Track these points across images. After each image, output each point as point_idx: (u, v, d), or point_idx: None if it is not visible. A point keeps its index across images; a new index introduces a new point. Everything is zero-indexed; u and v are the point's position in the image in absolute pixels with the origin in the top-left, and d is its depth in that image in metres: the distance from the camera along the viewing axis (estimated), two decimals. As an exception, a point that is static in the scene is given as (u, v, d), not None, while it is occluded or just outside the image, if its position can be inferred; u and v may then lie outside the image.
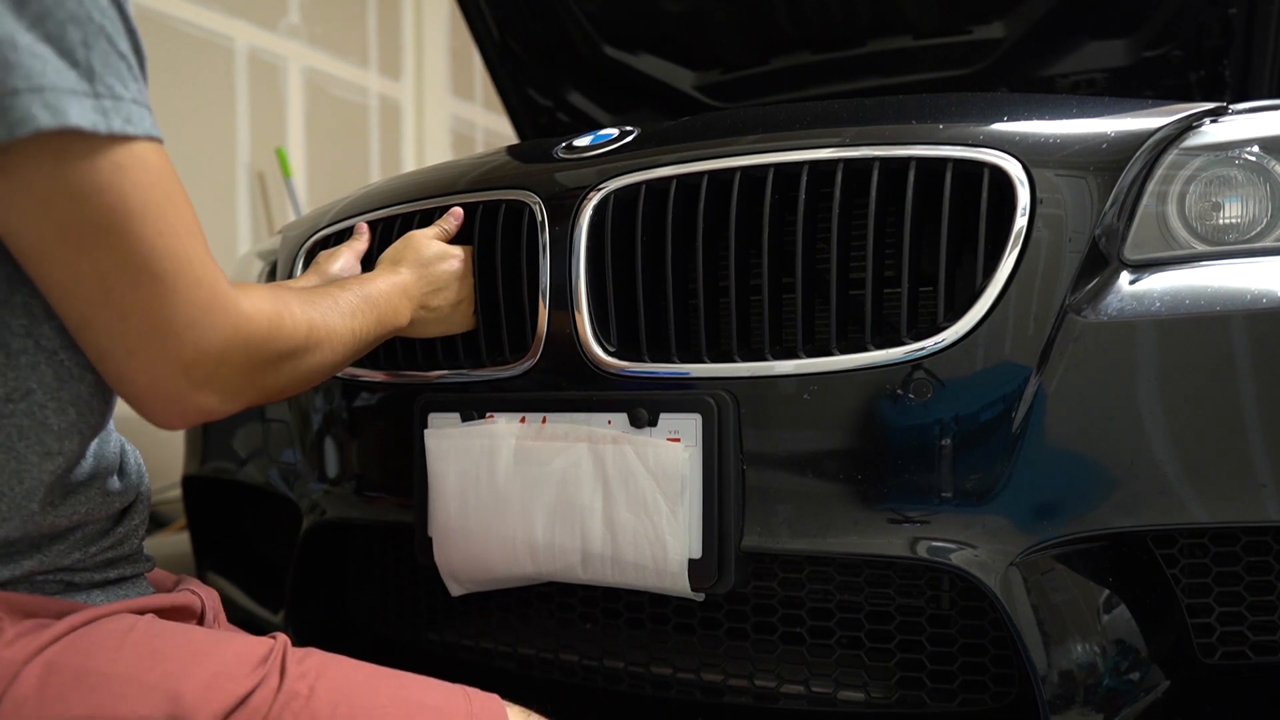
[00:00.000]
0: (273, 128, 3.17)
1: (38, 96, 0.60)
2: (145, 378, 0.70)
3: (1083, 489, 0.87)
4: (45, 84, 0.61)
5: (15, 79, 0.60)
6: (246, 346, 0.75)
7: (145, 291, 0.67)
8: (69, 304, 0.67)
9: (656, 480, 0.97)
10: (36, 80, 0.61)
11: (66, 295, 0.67)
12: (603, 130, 1.18)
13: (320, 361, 0.86)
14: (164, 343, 0.69)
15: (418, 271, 1.06)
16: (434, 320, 1.10)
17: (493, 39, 2.04)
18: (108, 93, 0.64)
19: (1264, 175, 0.91)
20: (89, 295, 0.67)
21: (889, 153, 0.96)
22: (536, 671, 1.21)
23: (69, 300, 0.67)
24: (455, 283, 1.11)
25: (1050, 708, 0.89)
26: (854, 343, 0.95)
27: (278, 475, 1.38)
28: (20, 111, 0.60)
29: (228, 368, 0.73)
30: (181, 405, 0.73)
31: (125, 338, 0.68)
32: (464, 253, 1.13)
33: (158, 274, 0.67)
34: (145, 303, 0.67)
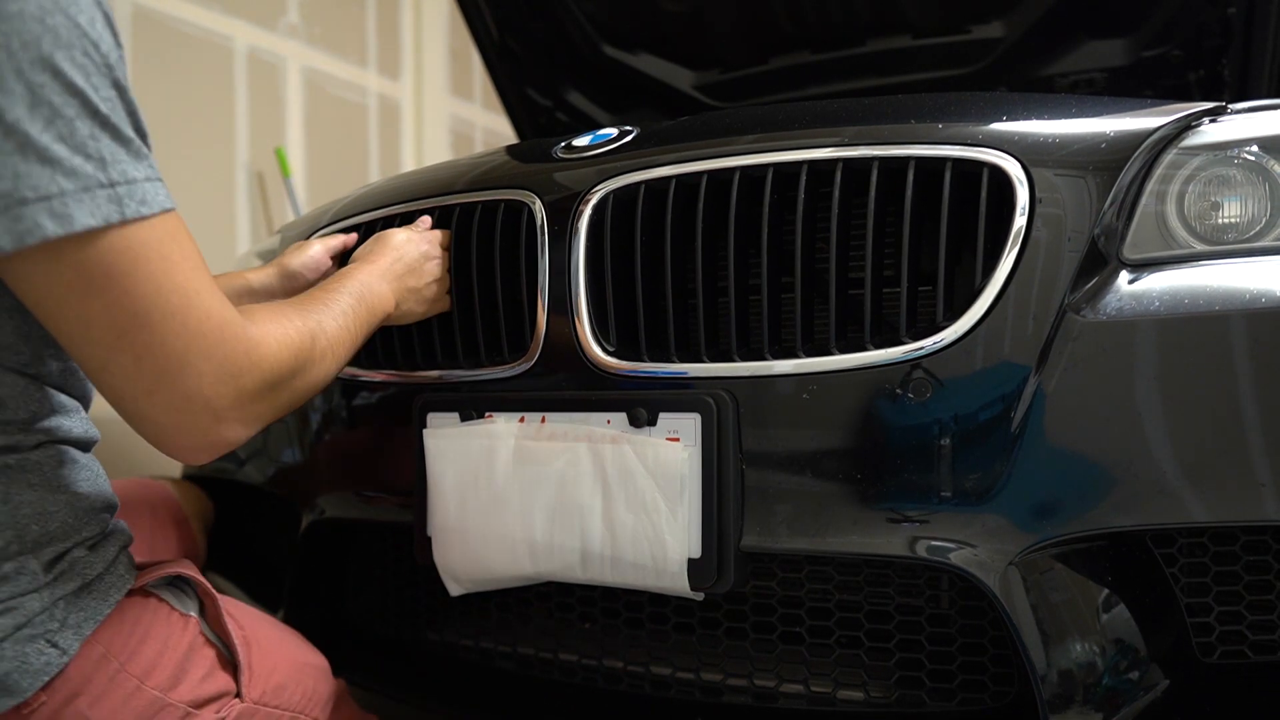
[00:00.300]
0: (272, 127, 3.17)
1: (45, 205, 0.63)
2: (167, 416, 0.72)
3: (1082, 488, 0.87)
4: (53, 191, 0.64)
5: (24, 188, 0.63)
6: (259, 370, 0.76)
7: (158, 330, 0.69)
8: (85, 350, 0.70)
9: (656, 480, 0.97)
10: (44, 189, 0.63)
11: (82, 341, 0.69)
12: (602, 130, 1.18)
13: (326, 371, 0.88)
14: (182, 378, 0.71)
15: (391, 255, 1.08)
16: (416, 301, 1.11)
17: (492, 39, 2.04)
18: (123, 179, 0.67)
19: (1263, 175, 0.91)
20: (103, 339, 0.69)
21: (888, 152, 0.96)
22: (536, 671, 1.21)
23: (85, 346, 0.69)
24: (428, 262, 1.12)
25: (1049, 707, 0.89)
26: (853, 342, 0.95)
27: (277, 475, 1.38)
28: (28, 221, 0.63)
29: (245, 395, 0.75)
30: (206, 438, 0.74)
31: (142, 378, 0.70)
32: (434, 235, 1.16)
33: (167, 311, 0.69)
34: (159, 341, 0.69)
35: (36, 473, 0.76)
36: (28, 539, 0.74)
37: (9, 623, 0.72)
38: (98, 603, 0.77)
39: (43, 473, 0.76)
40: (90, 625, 0.76)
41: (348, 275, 1.01)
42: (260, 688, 0.90)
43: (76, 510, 0.78)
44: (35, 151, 0.63)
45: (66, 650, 0.74)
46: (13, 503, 0.73)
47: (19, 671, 0.71)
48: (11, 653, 0.71)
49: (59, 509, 0.76)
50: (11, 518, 0.73)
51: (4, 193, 0.63)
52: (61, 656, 0.74)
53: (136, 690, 0.78)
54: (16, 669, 0.71)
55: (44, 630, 0.73)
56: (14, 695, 0.71)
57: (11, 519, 0.73)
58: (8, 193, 0.63)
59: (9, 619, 0.72)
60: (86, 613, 0.76)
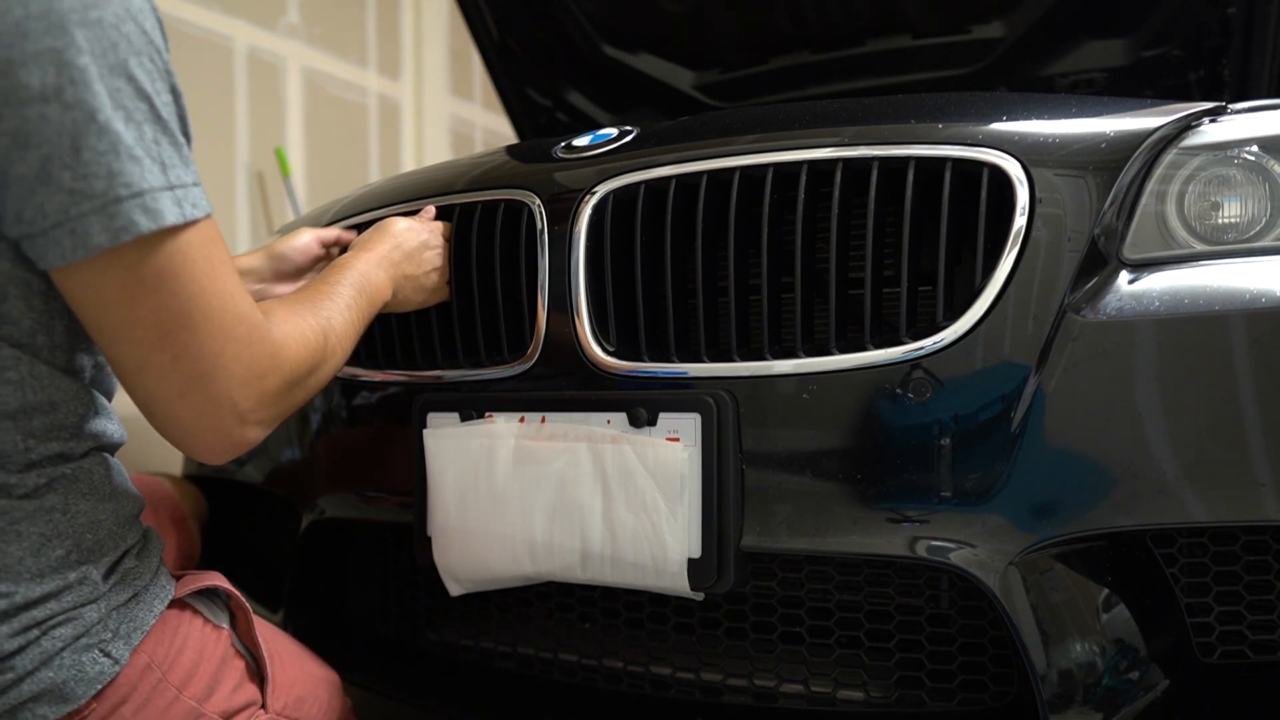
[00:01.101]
0: (272, 127, 3.17)
1: (138, 202, 0.66)
2: (195, 419, 0.73)
3: (1082, 488, 0.87)
4: (145, 188, 0.67)
5: (118, 186, 0.65)
6: (281, 372, 0.78)
7: (198, 331, 0.71)
8: (125, 349, 0.71)
9: (655, 480, 0.97)
10: (137, 185, 0.66)
11: (123, 341, 0.70)
12: (602, 130, 1.18)
13: (335, 366, 0.89)
14: (214, 381, 0.73)
15: (390, 242, 1.08)
16: (413, 289, 1.11)
17: (492, 39, 2.04)
18: (179, 182, 0.69)
19: (1263, 175, 0.91)
20: (145, 339, 0.70)
21: (888, 152, 0.96)
22: (536, 671, 1.21)
23: (125, 345, 0.71)
24: (427, 250, 1.13)
25: (1049, 707, 0.89)
26: (853, 342, 0.95)
27: (277, 475, 1.38)
28: (124, 219, 0.66)
29: (268, 396, 0.77)
30: (230, 439, 0.76)
31: (176, 380, 0.72)
32: (436, 225, 1.16)
33: (207, 313, 0.71)
34: (198, 342, 0.71)
35: (87, 480, 0.77)
36: (84, 547, 0.75)
37: (69, 632, 0.73)
38: (144, 613, 0.79)
39: (92, 480, 0.77)
40: (139, 635, 0.77)
41: (347, 265, 1.01)
42: (283, 699, 0.92)
43: (120, 517, 0.79)
44: (125, 151, 0.65)
45: (119, 660, 0.76)
46: (70, 512, 0.74)
47: (75, 680, 0.73)
48: (70, 661, 0.73)
49: (106, 517, 0.78)
50: (70, 527, 0.74)
51: (100, 192, 0.65)
52: (114, 666, 0.75)
53: (175, 700, 0.80)
54: (73, 677, 0.73)
55: (99, 640, 0.75)
56: (69, 702, 0.73)
57: (70, 528, 0.74)
58: (103, 191, 0.65)
59: (69, 628, 0.73)
60: (135, 623, 0.78)
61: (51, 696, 0.72)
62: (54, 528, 0.73)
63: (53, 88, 0.63)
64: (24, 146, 0.64)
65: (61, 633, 0.73)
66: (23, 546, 0.72)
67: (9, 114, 0.63)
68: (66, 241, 0.65)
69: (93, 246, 0.65)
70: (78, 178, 0.64)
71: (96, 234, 0.65)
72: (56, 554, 0.73)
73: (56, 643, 0.72)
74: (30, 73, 0.63)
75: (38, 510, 0.73)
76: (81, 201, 0.65)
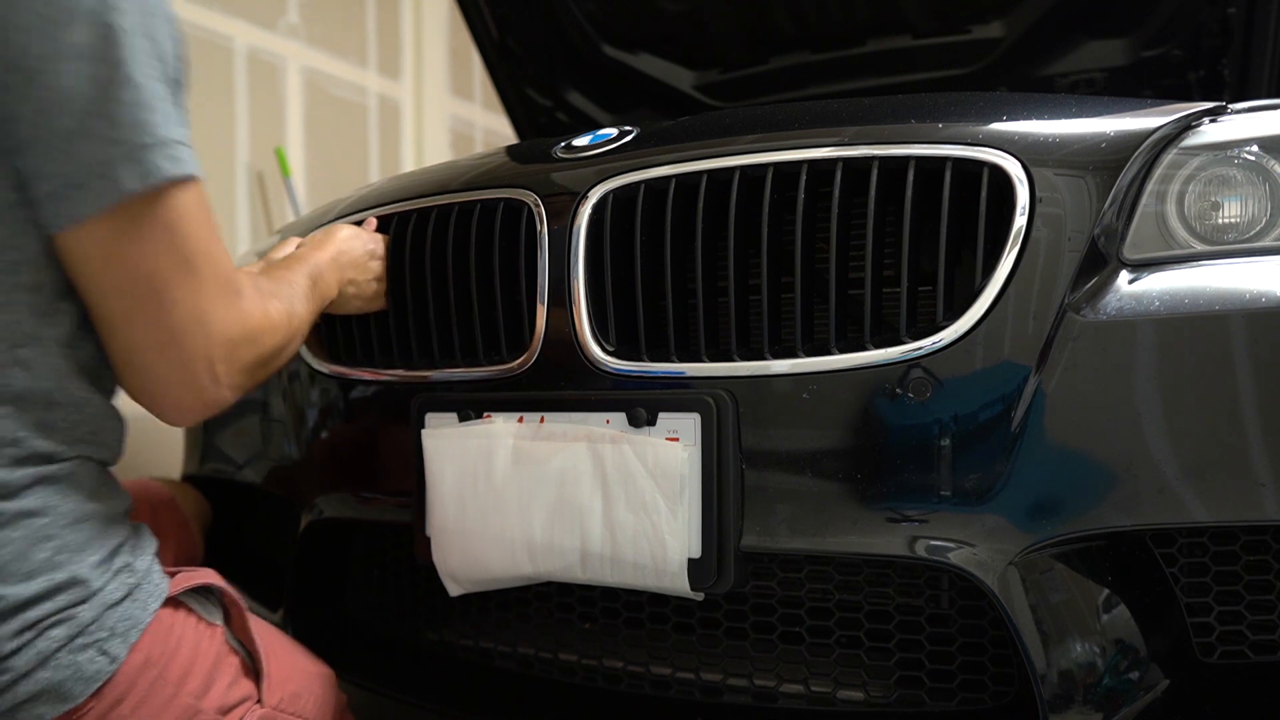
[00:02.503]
0: (272, 127, 3.17)
1: (164, 150, 0.72)
2: (171, 373, 0.77)
3: (1081, 488, 0.87)
4: (168, 138, 0.72)
5: (145, 135, 0.71)
6: (254, 345, 0.82)
7: (190, 286, 0.75)
8: (118, 301, 0.74)
9: (655, 480, 0.96)
10: (161, 134, 0.72)
11: (118, 293, 0.74)
12: (602, 130, 1.17)
13: (294, 348, 0.95)
14: (195, 336, 0.76)
15: (338, 247, 1.13)
16: (355, 294, 1.15)
17: (492, 39, 2.04)
18: (187, 141, 0.76)
19: (1263, 175, 0.91)
20: (141, 290, 0.74)
21: (888, 152, 0.96)
22: (535, 671, 1.21)
23: (119, 297, 0.74)
24: (371, 260, 1.18)
25: (1049, 707, 0.89)
26: (853, 342, 0.95)
27: (276, 475, 1.38)
28: (151, 164, 0.71)
29: (239, 364, 0.81)
30: (202, 398, 0.79)
31: (161, 331, 0.75)
32: (378, 236, 1.21)
33: (198, 269, 0.76)
34: (187, 296, 0.75)
35: (70, 481, 0.77)
36: (70, 548, 0.75)
37: (64, 632, 0.74)
38: (140, 611, 0.79)
39: (76, 481, 0.78)
40: (135, 633, 0.78)
41: (301, 259, 1.05)
42: (278, 694, 0.92)
43: (106, 516, 0.80)
44: (149, 103, 0.71)
45: (116, 658, 0.76)
46: (54, 513, 0.75)
47: (73, 679, 0.74)
48: (67, 661, 0.73)
49: (91, 516, 0.78)
50: (54, 527, 0.75)
51: (129, 140, 0.70)
52: (111, 664, 0.76)
53: (173, 697, 0.81)
54: (71, 676, 0.74)
55: (95, 639, 0.75)
56: (68, 701, 0.74)
57: (55, 528, 0.75)
58: (131, 139, 0.70)
59: (64, 629, 0.74)
60: (131, 621, 0.78)
61: (50, 696, 0.73)
62: (37, 530, 0.74)
63: (92, 46, 0.68)
64: (65, 100, 0.68)
65: (57, 633, 0.73)
66: (9, 550, 0.72)
67: (51, 69, 0.68)
68: (100, 188, 0.69)
69: (125, 192, 0.70)
70: (111, 127, 0.69)
71: (127, 179, 0.70)
72: (42, 555, 0.73)
73: (52, 643, 0.73)
74: (73, 31, 0.68)
75: (20, 513, 0.73)
76: (112, 148, 0.69)
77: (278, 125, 3.21)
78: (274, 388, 1.36)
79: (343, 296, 1.13)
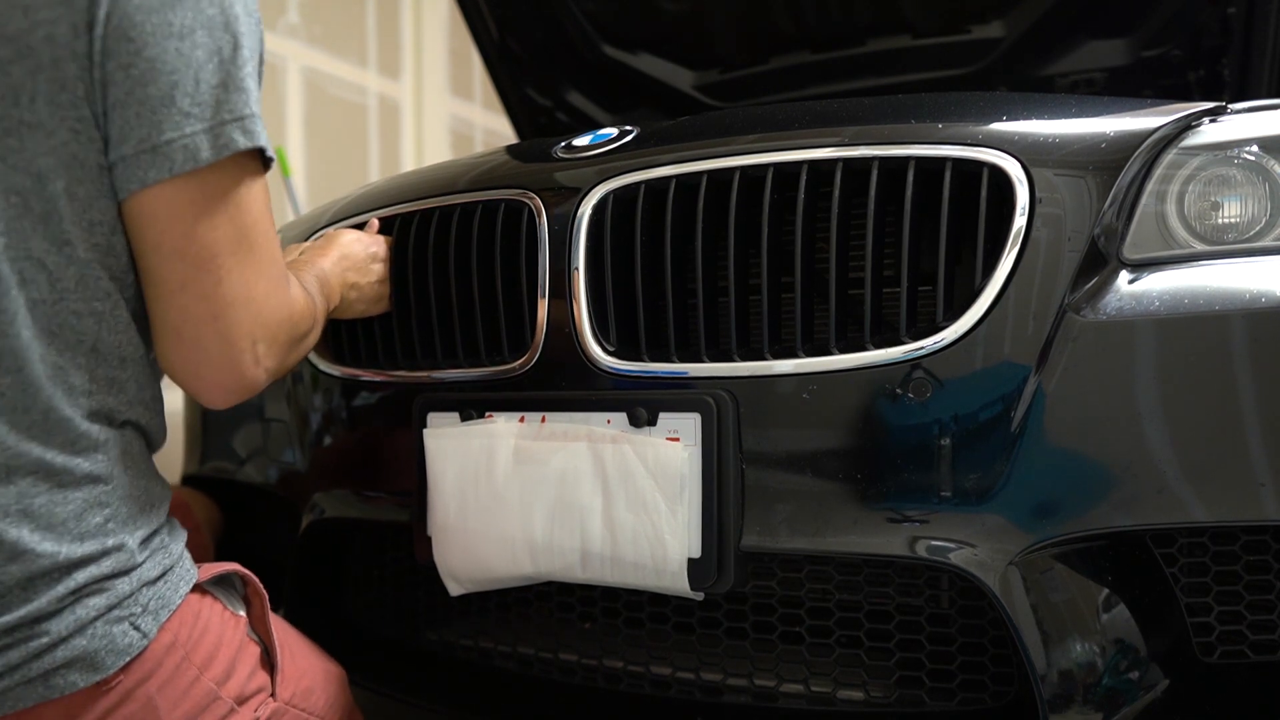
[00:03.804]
0: (272, 127, 3.17)
1: (239, 124, 0.77)
2: (216, 346, 0.79)
3: (1082, 488, 0.87)
4: (248, 112, 0.78)
5: (224, 111, 0.76)
6: (290, 325, 0.86)
7: (246, 258, 0.79)
8: (176, 265, 0.77)
9: (656, 480, 0.97)
10: (239, 111, 0.77)
11: (177, 255, 0.77)
12: (602, 130, 1.18)
13: (315, 340, 0.96)
14: (246, 310, 0.79)
15: (340, 251, 1.13)
16: (358, 298, 1.15)
17: (492, 39, 2.04)
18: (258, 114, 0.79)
19: (1263, 175, 0.91)
20: (199, 258, 0.77)
21: (888, 152, 0.96)
22: (536, 671, 1.21)
23: (177, 260, 0.77)
24: (374, 262, 1.18)
25: (1049, 707, 0.89)
26: (853, 342, 0.95)
27: (277, 475, 1.38)
28: (227, 137, 0.76)
29: (277, 344, 0.84)
30: (243, 378, 0.82)
31: (213, 302, 0.78)
32: (381, 238, 1.21)
33: (256, 243, 0.80)
34: (242, 269, 0.79)
35: (128, 454, 0.81)
36: (120, 518, 0.79)
37: (102, 602, 0.76)
38: (171, 592, 0.82)
39: (132, 455, 0.82)
40: (165, 613, 0.81)
41: (307, 264, 1.06)
42: (291, 689, 0.94)
43: (153, 496, 0.83)
44: (235, 83, 0.77)
45: (147, 634, 0.79)
46: (112, 483, 0.78)
47: (106, 650, 0.76)
48: (102, 631, 0.76)
49: (141, 493, 0.82)
50: (110, 497, 0.78)
51: (209, 113, 0.75)
52: (142, 640, 0.78)
53: (196, 680, 0.83)
54: (104, 647, 0.76)
55: (129, 613, 0.78)
56: (99, 671, 0.76)
57: (110, 498, 0.78)
58: (212, 113, 0.76)
59: (102, 598, 0.76)
60: (163, 600, 0.81)
61: (83, 664, 0.75)
62: (96, 495, 0.77)
63: (188, 27, 0.75)
64: (160, 71, 0.74)
65: (95, 602, 0.76)
66: (68, 509, 0.75)
67: (157, 44, 0.73)
68: (175, 155, 0.74)
69: (200, 160, 0.75)
70: (195, 99, 0.75)
71: (203, 149, 0.75)
72: (95, 520, 0.77)
73: (90, 611, 0.76)
74: (181, 11, 0.75)
75: (85, 477, 0.77)
76: (193, 118, 0.75)
77: (278, 125, 3.21)
78: (275, 388, 1.36)
79: (345, 302, 1.13)
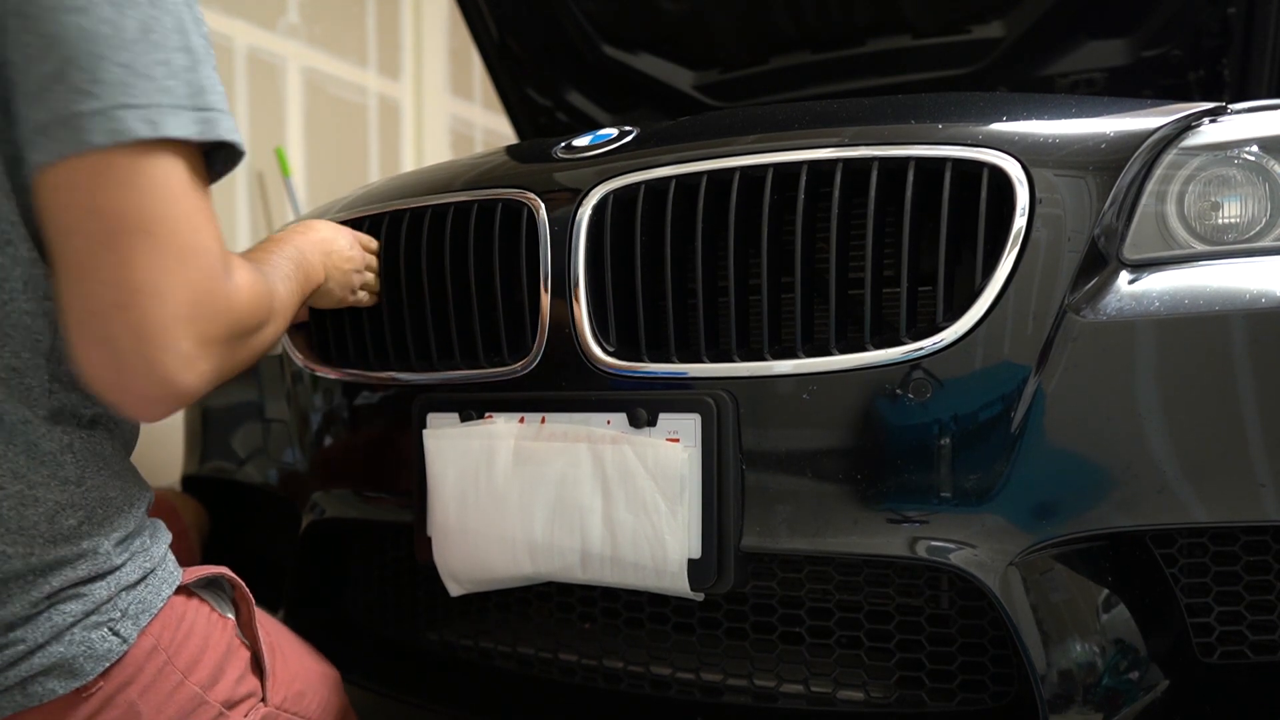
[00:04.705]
0: (272, 127, 3.17)
1: (139, 112, 0.69)
2: (131, 344, 0.69)
3: (1082, 488, 0.87)
4: (149, 102, 0.69)
5: (122, 95, 0.68)
6: (229, 316, 0.75)
7: (154, 243, 0.69)
8: (76, 242, 0.69)
9: (655, 480, 0.97)
10: (143, 98, 0.69)
11: (76, 232, 0.69)
12: (602, 130, 1.17)
13: (275, 333, 0.87)
14: (157, 301, 0.69)
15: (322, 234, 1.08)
16: (339, 281, 1.10)
17: (492, 39, 2.04)
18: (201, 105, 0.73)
19: (1263, 175, 0.91)
20: (99, 233, 0.69)
21: (888, 152, 0.96)
22: (536, 671, 1.21)
23: (77, 238, 0.70)
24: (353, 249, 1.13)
25: (1049, 707, 0.89)
26: (853, 343, 0.95)
27: (277, 475, 1.38)
28: (122, 124, 0.68)
29: (212, 341, 0.73)
30: (166, 381, 0.71)
31: (118, 290, 0.69)
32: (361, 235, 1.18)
33: (170, 229, 0.70)
34: (150, 254, 0.69)
35: (101, 455, 0.79)
36: (95, 520, 0.77)
37: (78, 607, 0.75)
38: (152, 596, 0.81)
39: (105, 456, 0.79)
40: (146, 617, 0.79)
41: (283, 240, 1.00)
42: (282, 693, 0.93)
43: (131, 498, 0.81)
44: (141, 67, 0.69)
45: (126, 639, 0.78)
46: (85, 485, 0.77)
47: (84, 656, 0.75)
48: (80, 637, 0.75)
49: (117, 495, 0.80)
50: (84, 499, 0.76)
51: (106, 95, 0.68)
52: (122, 645, 0.77)
53: (180, 685, 0.82)
54: (82, 653, 0.75)
55: (108, 618, 0.77)
56: (77, 678, 0.75)
57: (84, 500, 0.76)
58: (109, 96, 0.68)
59: (79, 604, 0.75)
60: (143, 604, 0.80)
61: (60, 671, 0.74)
62: (68, 497, 0.75)
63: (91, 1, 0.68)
64: (52, 49, 0.68)
65: (71, 607, 0.75)
66: (38, 511, 0.74)
67: (50, 19, 0.68)
68: (67, 138, 0.67)
69: (93, 143, 0.67)
70: (91, 80, 0.68)
71: (95, 133, 0.67)
72: (69, 523, 0.75)
73: (66, 617, 0.74)
74: None
75: (53, 479, 0.75)
76: (87, 100, 0.67)
77: (278, 125, 3.21)
78: (276, 389, 1.36)
79: (329, 283, 1.09)
